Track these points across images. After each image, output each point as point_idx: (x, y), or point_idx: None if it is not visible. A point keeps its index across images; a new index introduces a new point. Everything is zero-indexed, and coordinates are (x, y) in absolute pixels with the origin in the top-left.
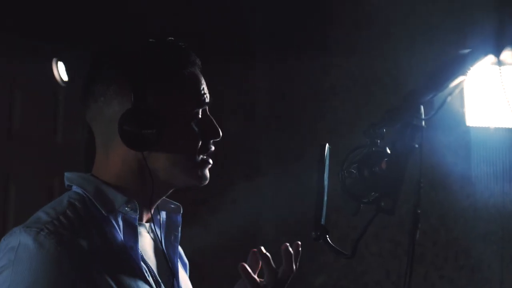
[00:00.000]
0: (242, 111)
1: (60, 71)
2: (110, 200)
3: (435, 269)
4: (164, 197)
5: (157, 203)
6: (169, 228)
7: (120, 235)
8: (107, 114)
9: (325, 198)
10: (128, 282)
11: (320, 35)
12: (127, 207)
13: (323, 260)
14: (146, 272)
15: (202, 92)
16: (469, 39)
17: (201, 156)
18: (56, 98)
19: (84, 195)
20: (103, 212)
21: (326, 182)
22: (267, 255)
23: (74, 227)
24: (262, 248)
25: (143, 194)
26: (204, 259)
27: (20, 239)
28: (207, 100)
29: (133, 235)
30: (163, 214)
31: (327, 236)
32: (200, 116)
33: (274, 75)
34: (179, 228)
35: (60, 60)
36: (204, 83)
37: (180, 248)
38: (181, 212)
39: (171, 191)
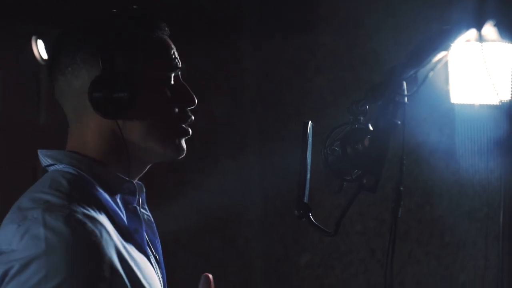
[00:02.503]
0: (228, 91)
1: (40, 49)
2: (108, 180)
3: (420, 247)
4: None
5: (136, 179)
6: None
7: (123, 217)
8: (76, 85)
9: (308, 176)
10: (140, 262)
11: (304, 14)
12: (126, 187)
13: (307, 239)
14: (150, 255)
15: (173, 56)
16: (454, 15)
17: (180, 124)
18: (37, 77)
19: (79, 174)
20: (107, 194)
21: (309, 160)
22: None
23: (90, 208)
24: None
25: (122, 171)
26: (190, 239)
27: (47, 224)
28: (179, 64)
29: (135, 217)
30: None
31: (310, 214)
32: (172, 81)
33: (259, 54)
34: (146, 206)
35: (40, 38)
36: (174, 49)
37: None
38: (144, 190)
39: (149, 166)
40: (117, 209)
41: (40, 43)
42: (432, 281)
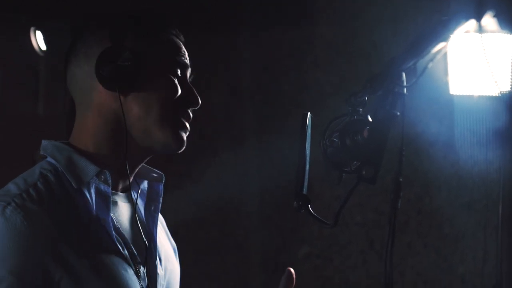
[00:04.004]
0: (226, 83)
1: (38, 40)
2: (81, 171)
3: (419, 238)
4: (144, 164)
5: (136, 170)
6: (150, 197)
7: (93, 208)
8: (85, 66)
9: (307, 167)
10: (99, 256)
11: (303, 6)
12: (99, 178)
13: (306, 231)
14: (121, 244)
15: (183, 53)
16: (453, 6)
17: (179, 117)
18: (35, 70)
19: (55, 165)
20: (73, 184)
21: (307, 152)
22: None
23: (43, 201)
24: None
25: (119, 158)
26: (188, 231)
27: None
28: (187, 61)
29: (105, 207)
30: (145, 183)
31: (309, 205)
32: (179, 75)
33: (257, 46)
34: (160, 198)
35: (38, 29)
36: (184, 48)
37: (168, 232)
38: (163, 181)
39: (148, 157)
40: (84, 199)
41: (39, 34)
42: (431, 272)
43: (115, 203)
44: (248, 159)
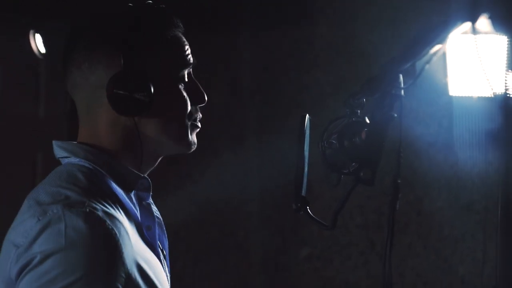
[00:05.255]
0: (226, 83)
1: (38, 43)
2: (124, 177)
3: (419, 239)
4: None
5: (146, 174)
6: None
7: (138, 214)
8: (92, 80)
9: (306, 169)
10: (153, 262)
11: (303, 6)
12: (141, 184)
13: (307, 232)
14: (160, 254)
15: (187, 53)
16: (452, 7)
17: (190, 121)
18: (36, 71)
19: (95, 169)
20: (122, 190)
21: (306, 153)
22: None
23: (107, 206)
24: None
25: (134, 166)
26: (188, 232)
27: (67, 221)
28: (192, 61)
29: (149, 214)
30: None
31: (308, 207)
32: (186, 79)
33: (257, 46)
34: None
35: (37, 32)
36: (188, 45)
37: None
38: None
39: (158, 160)
40: (131, 205)
41: (38, 37)
42: (431, 273)
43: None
44: (248, 159)
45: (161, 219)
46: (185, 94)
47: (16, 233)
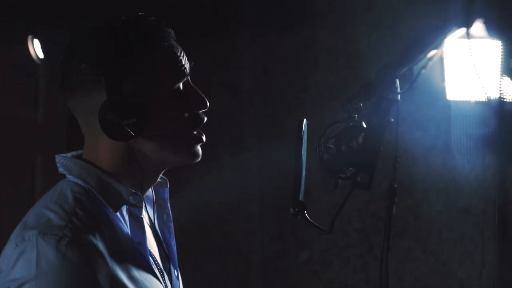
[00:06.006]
0: (225, 86)
1: (36, 48)
2: (115, 193)
3: (417, 243)
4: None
5: (152, 186)
6: (159, 205)
7: (127, 230)
8: (88, 105)
9: (303, 173)
10: (141, 279)
11: (302, 10)
12: (133, 200)
13: (306, 235)
14: (153, 264)
15: (180, 64)
16: (451, 12)
17: (192, 132)
18: (35, 76)
19: (87, 188)
20: (111, 209)
21: (304, 158)
22: None
23: (88, 229)
24: None
25: (134, 181)
26: (188, 236)
27: (39, 248)
28: (187, 71)
29: (140, 229)
30: (150, 190)
31: (305, 212)
32: (182, 89)
33: (257, 49)
34: (168, 204)
35: (36, 38)
36: (182, 53)
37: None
38: (168, 186)
39: (163, 171)
40: (120, 223)
41: (36, 42)
42: (430, 277)
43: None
44: (248, 162)
45: (172, 222)
46: (180, 106)
47: (3, 256)
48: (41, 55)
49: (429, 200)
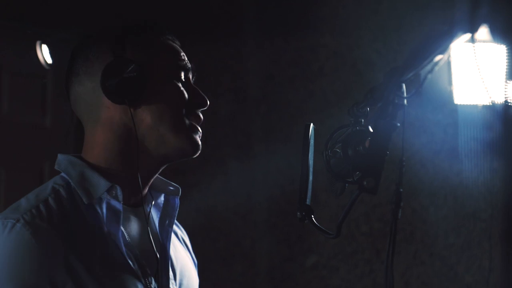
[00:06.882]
0: (231, 92)
1: (45, 54)
2: (92, 186)
3: (425, 247)
4: (160, 177)
5: (150, 183)
6: (165, 211)
7: (104, 223)
8: (89, 83)
9: (310, 178)
10: (109, 271)
11: (307, 15)
12: (110, 193)
13: (313, 240)
14: (131, 259)
15: (183, 57)
16: (457, 17)
17: (191, 121)
18: (43, 81)
19: (67, 180)
20: (84, 200)
21: (311, 162)
22: None
23: (52, 217)
24: None
25: (131, 172)
26: (195, 241)
27: None
28: (188, 65)
29: (115, 222)
30: (161, 197)
31: (312, 216)
32: (183, 80)
33: (263, 56)
34: (176, 212)
35: (44, 43)
36: (183, 53)
37: (189, 247)
38: (179, 194)
39: (163, 167)
40: (95, 215)
41: (45, 47)
42: (437, 281)
43: (128, 217)
44: (254, 168)
45: (171, 228)
46: (182, 89)
47: None
48: (49, 60)
49: (437, 204)
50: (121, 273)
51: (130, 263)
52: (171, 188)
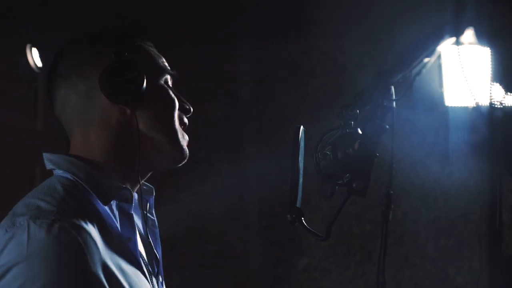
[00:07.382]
0: (224, 95)
1: (35, 57)
2: (104, 187)
3: (416, 249)
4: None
5: (139, 184)
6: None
7: (117, 225)
8: (82, 87)
9: (301, 180)
10: (130, 272)
11: (299, 18)
12: (122, 195)
13: (305, 243)
14: (142, 263)
15: (163, 63)
16: (443, 21)
17: (180, 128)
18: (33, 85)
19: (75, 181)
20: (101, 202)
21: (301, 165)
22: None
23: (79, 215)
24: None
25: (124, 174)
26: (187, 243)
27: (30, 231)
28: (172, 71)
29: (130, 225)
30: (136, 196)
31: (303, 218)
32: (169, 85)
33: (255, 58)
34: (153, 211)
35: (34, 47)
36: (163, 59)
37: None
38: (154, 194)
39: (150, 172)
40: (110, 217)
41: (35, 51)
42: (429, 283)
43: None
44: (246, 170)
45: (157, 228)
46: (172, 94)
47: None
48: (39, 64)
49: (428, 206)
50: (138, 276)
51: (143, 267)
52: (145, 187)
